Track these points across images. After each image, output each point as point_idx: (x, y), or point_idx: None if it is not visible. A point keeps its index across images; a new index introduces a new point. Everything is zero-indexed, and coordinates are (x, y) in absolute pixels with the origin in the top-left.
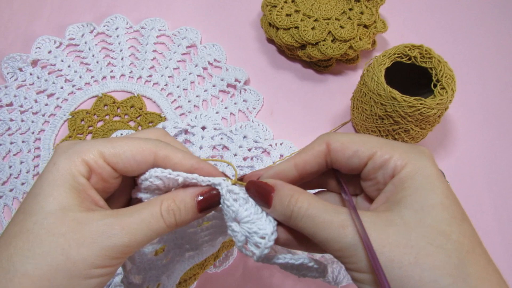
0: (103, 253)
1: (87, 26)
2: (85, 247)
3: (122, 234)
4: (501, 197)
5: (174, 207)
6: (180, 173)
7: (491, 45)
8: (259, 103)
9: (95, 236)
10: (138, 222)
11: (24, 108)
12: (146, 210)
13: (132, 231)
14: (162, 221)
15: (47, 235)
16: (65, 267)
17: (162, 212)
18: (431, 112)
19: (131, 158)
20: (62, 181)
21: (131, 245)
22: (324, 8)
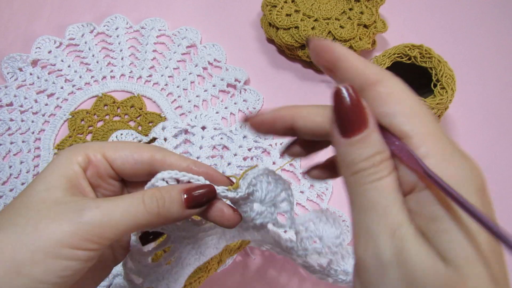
0: (74, 231)
1: (87, 26)
2: (56, 223)
3: (95, 212)
4: (501, 197)
5: (158, 195)
6: (186, 173)
7: (491, 45)
8: (259, 103)
9: (68, 213)
10: (115, 203)
11: (24, 108)
12: (128, 196)
13: (108, 211)
14: (143, 206)
15: (26, 210)
16: (31, 240)
17: (144, 197)
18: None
19: (129, 155)
20: (58, 167)
21: (105, 226)
22: (324, 8)
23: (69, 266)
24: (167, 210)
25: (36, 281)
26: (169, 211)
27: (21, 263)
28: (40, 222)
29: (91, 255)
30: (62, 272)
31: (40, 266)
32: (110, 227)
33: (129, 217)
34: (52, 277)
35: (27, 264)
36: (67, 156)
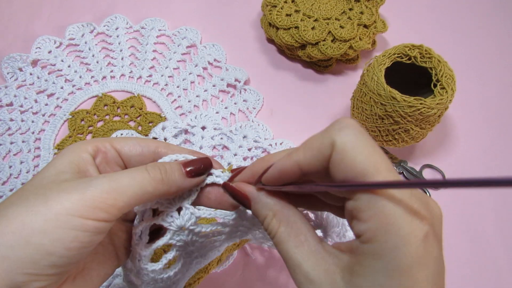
0: (83, 199)
1: (87, 26)
2: (65, 194)
3: (103, 180)
4: (501, 197)
5: (159, 164)
6: (186, 155)
7: (491, 45)
8: (259, 103)
9: (76, 185)
10: (121, 173)
11: (24, 108)
12: (132, 168)
13: (115, 178)
14: (147, 173)
15: (36, 189)
16: (41, 211)
17: (147, 167)
18: (431, 112)
19: (136, 143)
20: (67, 155)
21: (114, 192)
22: (324, 8)
23: (78, 237)
24: (169, 177)
25: (45, 252)
26: (172, 178)
27: (30, 232)
28: (50, 195)
29: (100, 227)
30: (70, 244)
31: (49, 236)
32: (118, 193)
33: (135, 184)
34: (60, 248)
35: (36, 234)
36: (77, 145)
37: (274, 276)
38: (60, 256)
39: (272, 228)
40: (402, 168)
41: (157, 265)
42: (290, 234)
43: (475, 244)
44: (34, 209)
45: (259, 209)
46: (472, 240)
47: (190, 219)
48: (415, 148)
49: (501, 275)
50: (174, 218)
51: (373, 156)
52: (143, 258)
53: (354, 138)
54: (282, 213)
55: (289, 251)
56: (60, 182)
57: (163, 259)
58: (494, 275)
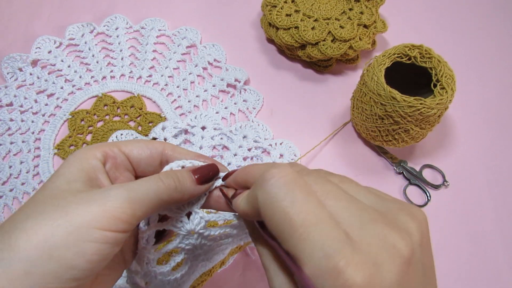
0: (103, 211)
1: (87, 26)
2: (84, 206)
3: (121, 190)
4: (502, 197)
5: (171, 173)
6: (193, 161)
7: (491, 45)
8: (259, 103)
9: (94, 196)
10: (137, 182)
11: (24, 108)
12: (146, 177)
13: (132, 188)
14: (161, 182)
15: (51, 200)
16: (62, 224)
17: (160, 176)
18: (431, 112)
19: (144, 146)
20: (76, 163)
21: (133, 202)
22: (324, 8)
23: (99, 249)
24: (182, 185)
25: (67, 266)
26: (184, 186)
27: (53, 246)
28: (68, 207)
29: (119, 238)
30: (91, 256)
31: (72, 249)
32: (136, 203)
33: (152, 193)
34: (82, 261)
35: (59, 248)
36: (84, 152)
37: None
38: (82, 269)
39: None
40: (402, 168)
41: (165, 267)
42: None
43: (475, 244)
44: (55, 222)
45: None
46: (472, 240)
47: (199, 223)
48: (415, 148)
49: (501, 275)
50: (184, 223)
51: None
52: (151, 261)
53: (271, 191)
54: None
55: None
56: (75, 192)
57: (172, 262)
58: (494, 275)
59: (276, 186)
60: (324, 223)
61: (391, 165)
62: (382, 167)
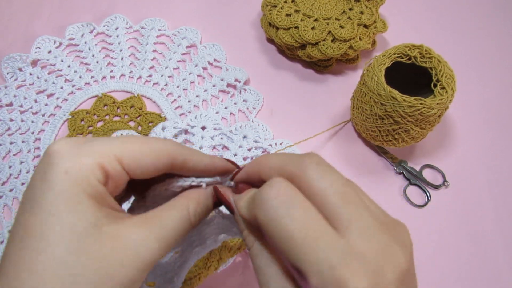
0: (142, 268)
1: (87, 26)
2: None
3: (157, 246)
4: (502, 197)
5: (200, 210)
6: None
7: (491, 45)
8: (259, 103)
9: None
10: (170, 229)
11: (24, 108)
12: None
13: (165, 239)
14: (190, 224)
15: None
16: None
17: (190, 216)
18: (431, 112)
19: (150, 164)
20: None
21: (164, 254)
22: (324, 8)
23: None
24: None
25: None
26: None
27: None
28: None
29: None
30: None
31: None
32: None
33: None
34: None
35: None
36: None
37: None
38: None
39: (248, 242)
40: (402, 168)
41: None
42: (263, 251)
43: (475, 244)
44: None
45: (238, 222)
46: (472, 240)
47: None
48: (415, 148)
49: (501, 275)
50: None
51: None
52: None
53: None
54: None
55: (261, 267)
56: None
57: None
58: (494, 275)
59: (275, 206)
60: (326, 236)
61: (391, 165)
62: (382, 167)
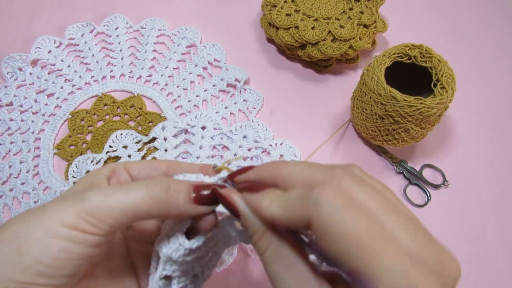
0: (74, 210)
1: (87, 26)
2: (60, 203)
3: (96, 193)
4: (502, 196)
5: (164, 180)
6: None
7: (491, 45)
8: (259, 103)
9: (73, 196)
10: (118, 187)
11: (24, 108)
12: (134, 183)
13: (108, 193)
14: (145, 189)
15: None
16: (36, 219)
17: (147, 182)
18: (431, 111)
19: (146, 165)
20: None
21: (103, 208)
22: (324, 7)
23: (66, 248)
24: (171, 198)
25: (33, 260)
26: (173, 199)
27: (23, 240)
28: (48, 206)
29: (91, 240)
30: (58, 254)
31: (37, 244)
32: (108, 209)
33: (128, 201)
34: (47, 257)
35: (27, 242)
36: (96, 170)
37: None
38: (48, 265)
39: (261, 246)
40: (402, 168)
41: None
42: (280, 256)
43: (475, 244)
44: (30, 218)
45: (248, 225)
46: (472, 240)
47: (178, 250)
48: (415, 148)
49: (501, 275)
50: (162, 246)
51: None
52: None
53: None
54: (271, 232)
55: (278, 273)
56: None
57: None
58: (494, 275)
59: (337, 211)
60: (391, 242)
61: (391, 164)
62: (382, 167)
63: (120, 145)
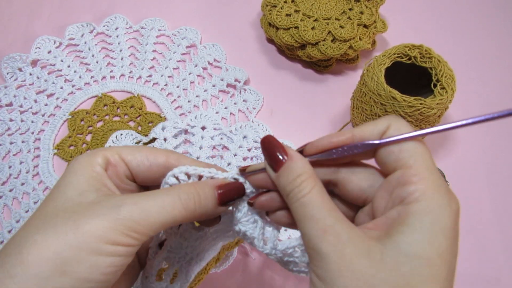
0: (114, 227)
1: (87, 26)
2: (96, 220)
3: (133, 208)
4: (501, 196)
5: (194, 191)
6: (205, 168)
7: (491, 45)
8: (259, 103)
9: (106, 210)
10: (152, 200)
11: (23, 108)
12: (164, 193)
13: (145, 206)
14: (179, 203)
15: (63, 213)
16: (73, 238)
17: (180, 195)
18: (431, 112)
19: (144, 157)
20: (82, 170)
21: (143, 223)
22: (324, 8)
23: (112, 262)
24: (203, 207)
25: (82, 280)
26: (205, 208)
27: (65, 262)
28: (79, 220)
29: (131, 250)
30: (106, 269)
31: (85, 264)
32: (147, 223)
33: (166, 214)
34: (97, 274)
35: (72, 263)
36: (87, 159)
37: (274, 276)
38: (98, 281)
39: (306, 185)
40: None
41: (163, 284)
42: (324, 197)
43: (475, 244)
44: (66, 237)
45: (294, 167)
46: (472, 240)
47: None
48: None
49: (501, 275)
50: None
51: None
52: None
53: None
54: (317, 176)
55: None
56: (87, 204)
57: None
58: (494, 275)
59: None
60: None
61: None
62: None
63: (120, 145)
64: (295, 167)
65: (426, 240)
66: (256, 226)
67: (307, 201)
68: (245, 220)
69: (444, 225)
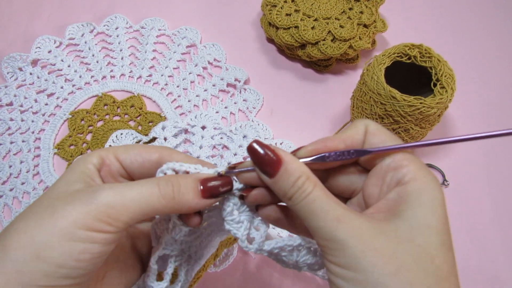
0: (87, 212)
1: (87, 26)
2: (71, 205)
3: (109, 192)
4: (501, 196)
5: (174, 180)
6: (193, 165)
7: (491, 44)
8: (259, 103)
9: (82, 196)
10: (130, 186)
11: (24, 107)
12: (143, 181)
13: (121, 192)
14: (157, 189)
15: (46, 201)
16: (48, 224)
17: (159, 181)
18: (431, 111)
19: (137, 154)
20: (77, 167)
21: (118, 207)
22: (324, 7)
23: (86, 249)
24: (182, 196)
25: (55, 265)
26: (184, 198)
27: (39, 247)
28: (57, 207)
29: (108, 238)
30: (79, 255)
31: (58, 249)
32: (123, 209)
33: (142, 199)
34: (70, 260)
35: (45, 248)
36: (84, 158)
37: (274, 275)
38: (72, 267)
39: (308, 185)
40: None
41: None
42: (327, 191)
43: (475, 244)
44: (41, 222)
45: (293, 169)
46: (472, 239)
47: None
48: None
49: (500, 275)
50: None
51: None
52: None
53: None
54: (315, 177)
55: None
56: (70, 193)
57: (166, 276)
58: (494, 275)
59: None
60: None
61: None
62: None
63: (121, 145)
64: (293, 170)
65: (430, 212)
66: (241, 227)
67: (313, 198)
68: (229, 219)
69: (440, 199)
